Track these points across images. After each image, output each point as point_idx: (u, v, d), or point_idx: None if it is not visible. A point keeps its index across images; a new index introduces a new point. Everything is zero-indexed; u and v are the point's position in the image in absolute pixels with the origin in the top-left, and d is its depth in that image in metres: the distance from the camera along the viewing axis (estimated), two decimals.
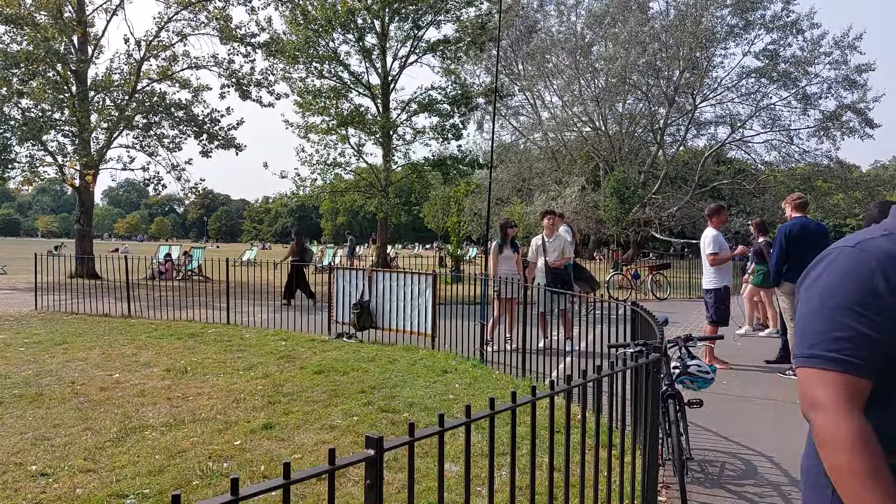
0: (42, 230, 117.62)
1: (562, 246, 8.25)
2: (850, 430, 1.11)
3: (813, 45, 25.52)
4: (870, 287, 1.15)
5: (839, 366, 1.14)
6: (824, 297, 1.18)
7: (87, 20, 18.29)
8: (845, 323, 1.15)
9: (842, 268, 1.19)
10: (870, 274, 1.15)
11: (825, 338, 1.16)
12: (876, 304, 1.14)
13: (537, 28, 30.72)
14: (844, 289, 1.17)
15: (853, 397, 1.14)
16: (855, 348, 1.14)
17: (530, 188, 33.35)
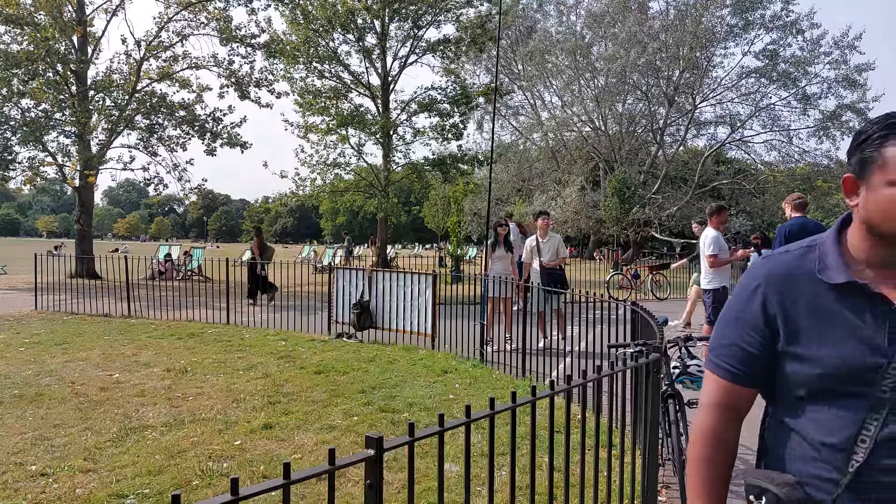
0: (45, 230, 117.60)
1: (556, 246, 8.28)
2: (700, 424, 1.28)
3: (813, 44, 25.53)
4: (748, 304, 1.24)
5: (717, 370, 1.29)
6: (727, 306, 1.30)
7: (87, 20, 18.29)
8: (726, 332, 1.28)
9: (741, 281, 1.30)
10: (751, 293, 1.24)
11: (715, 344, 1.30)
12: (750, 320, 1.24)
13: (537, 28, 30.72)
14: (734, 301, 1.28)
15: (722, 400, 1.27)
16: (730, 357, 1.26)
17: (530, 188, 33.34)
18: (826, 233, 1.25)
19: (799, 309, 1.19)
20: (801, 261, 1.22)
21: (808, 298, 1.18)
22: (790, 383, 1.20)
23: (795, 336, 1.18)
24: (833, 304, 1.16)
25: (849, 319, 1.14)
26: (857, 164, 1.17)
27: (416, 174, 20.43)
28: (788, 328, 1.19)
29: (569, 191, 28.13)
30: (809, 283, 1.19)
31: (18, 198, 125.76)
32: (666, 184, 29.06)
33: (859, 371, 1.11)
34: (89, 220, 19.08)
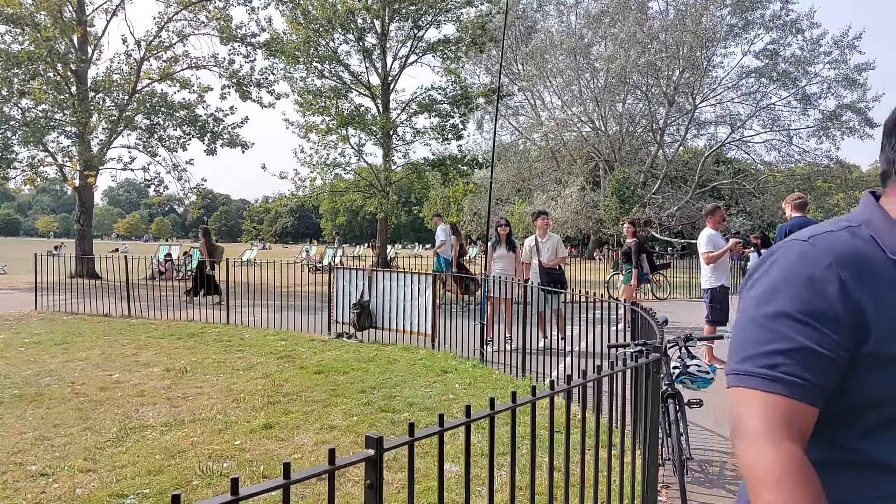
0: (50, 230, 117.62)
1: (555, 246, 8.29)
2: (774, 461, 0.88)
3: (812, 44, 25.56)
4: (820, 291, 0.92)
5: (773, 386, 0.92)
6: (762, 302, 0.96)
7: (87, 20, 18.29)
8: (784, 333, 0.92)
9: (788, 266, 0.96)
10: (822, 274, 0.93)
11: (759, 351, 0.94)
12: (827, 312, 0.91)
13: (537, 28, 30.72)
14: (788, 291, 0.94)
15: (787, 425, 0.91)
16: (795, 365, 0.92)
17: (530, 188, 33.35)
18: (860, 211, 1.02)
19: (890, 297, 0.92)
20: (860, 241, 0.96)
21: (892, 285, 0.93)
22: (881, 398, 0.92)
23: (885, 335, 0.91)
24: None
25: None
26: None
27: (416, 174, 20.43)
28: (883, 322, 0.91)
29: (569, 191, 28.14)
30: (886, 267, 0.94)
31: (18, 198, 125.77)
32: (666, 184, 29.07)
33: None
34: (89, 220, 19.08)
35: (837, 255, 0.94)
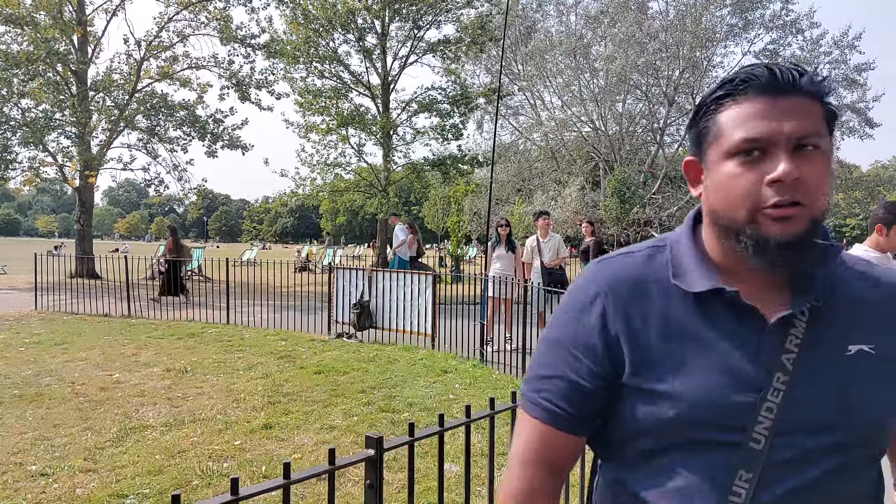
0: (54, 231, 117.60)
1: (556, 246, 8.30)
2: (515, 483, 0.93)
3: (813, 44, 25.55)
4: (585, 320, 0.91)
5: (534, 410, 0.93)
6: (549, 323, 0.97)
7: (87, 20, 18.29)
8: (551, 360, 0.93)
9: (572, 290, 0.97)
10: (588, 302, 0.92)
11: (533, 374, 0.95)
12: (587, 342, 0.90)
13: (536, 28, 30.73)
14: (562, 317, 0.95)
15: (539, 450, 0.93)
16: (554, 393, 0.92)
17: (530, 188, 33.35)
18: (677, 230, 0.98)
19: (650, 327, 0.88)
20: (649, 264, 0.93)
21: (661, 313, 0.88)
22: (633, 430, 0.89)
23: (645, 364, 0.87)
24: (692, 319, 0.87)
25: (712, 341, 0.85)
26: (694, 141, 0.91)
27: (415, 174, 20.44)
28: (636, 353, 0.88)
29: (569, 191, 28.14)
30: (662, 294, 0.89)
31: (18, 198, 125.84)
32: (666, 184, 29.08)
33: (725, 411, 0.83)
34: (89, 220, 19.08)
35: (610, 282, 0.92)
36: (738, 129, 0.83)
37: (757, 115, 0.83)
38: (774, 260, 0.82)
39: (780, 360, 0.83)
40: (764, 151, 0.82)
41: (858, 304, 0.88)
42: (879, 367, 0.85)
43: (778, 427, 0.81)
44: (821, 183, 0.82)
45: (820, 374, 0.83)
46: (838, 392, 0.83)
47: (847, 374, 0.84)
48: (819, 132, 0.83)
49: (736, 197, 0.83)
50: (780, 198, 0.80)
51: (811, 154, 0.82)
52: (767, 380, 0.82)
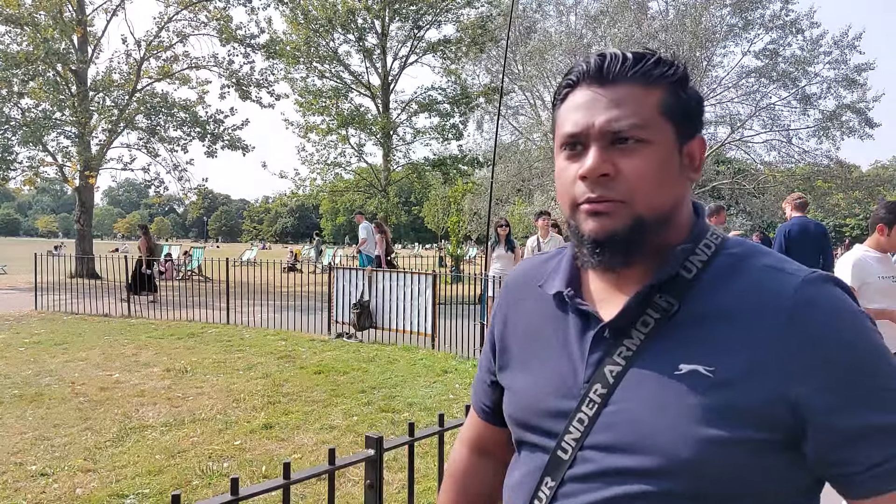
0: (58, 231, 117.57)
1: (556, 247, 8.31)
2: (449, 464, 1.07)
3: (813, 44, 25.54)
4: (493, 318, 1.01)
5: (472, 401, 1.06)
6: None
7: (87, 20, 18.30)
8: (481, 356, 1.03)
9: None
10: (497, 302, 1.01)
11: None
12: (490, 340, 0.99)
13: (536, 28, 30.73)
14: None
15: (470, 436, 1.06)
16: (476, 387, 1.04)
17: (530, 188, 33.35)
18: None
19: (518, 327, 0.92)
20: (543, 266, 0.93)
21: (528, 314, 0.91)
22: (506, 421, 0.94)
23: (505, 361, 0.93)
24: (546, 321, 0.88)
25: (553, 344, 0.85)
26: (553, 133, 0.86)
27: (416, 174, 20.44)
28: (502, 351, 0.94)
29: None
30: (537, 296, 0.91)
31: (18, 198, 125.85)
32: None
33: (544, 415, 0.82)
34: (89, 220, 19.08)
35: (509, 282, 0.99)
36: (565, 122, 0.80)
37: (580, 107, 0.78)
38: (591, 258, 0.78)
39: (602, 371, 0.77)
40: (584, 146, 0.78)
41: (712, 318, 0.74)
42: (712, 392, 0.71)
43: (585, 440, 0.77)
44: (644, 178, 0.75)
45: (639, 392, 0.75)
46: (652, 414, 0.73)
47: (669, 396, 0.72)
48: (645, 123, 0.76)
49: (562, 192, 0.81)
50: (590, 194, 0.76)
51: (633, 148, 0.75)
52: (586, 390, 0.78)
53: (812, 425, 0.69)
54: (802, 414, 0.69)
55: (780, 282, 0.73)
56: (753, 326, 0.72)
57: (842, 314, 0.72)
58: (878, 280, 3.31)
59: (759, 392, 0.69)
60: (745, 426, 0.70)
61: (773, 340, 0.70)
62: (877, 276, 3.32)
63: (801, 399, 0.69)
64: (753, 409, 0.70)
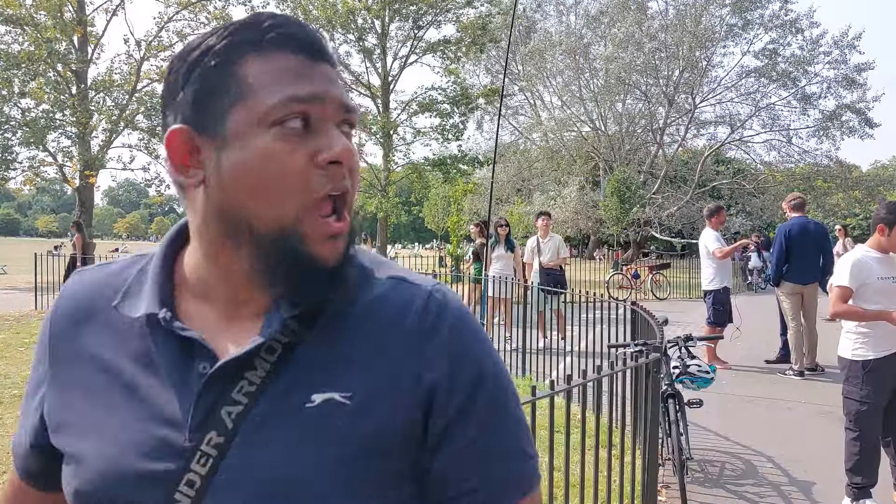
0: (55, 230, 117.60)
1: (556, 247, 8.31)
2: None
3: (812, 44, 25.55)
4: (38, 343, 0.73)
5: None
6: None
7: (87, 20, 18.29)
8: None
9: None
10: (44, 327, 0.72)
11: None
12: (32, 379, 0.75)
13: (536, 28, 30.74)
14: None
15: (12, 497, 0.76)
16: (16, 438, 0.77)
17: (530, 188, 33.35)
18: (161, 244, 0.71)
19: (76, 367, 0.66)
20: (109, 280, 0.69)
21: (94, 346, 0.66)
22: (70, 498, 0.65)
23: (61, 417, 0.66)
24: (126, 356, 0.64)
25: (144, 386, 0.62)
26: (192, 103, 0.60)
27: (416, 174, 20.45)
28: (57, 404, 0.67)
29: (568, 191, 28.15)
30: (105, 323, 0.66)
31: (18, 198, 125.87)
32: (666, 184, 29.08)
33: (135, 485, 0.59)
34: (89, 220, 19.08)
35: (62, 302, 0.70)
36: (282, 83, 0.58)
37: (298, 75, 0.59)
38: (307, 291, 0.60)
39: (219, 416, 0.59)
40: (307, 123, 0.59)
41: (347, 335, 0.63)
42: (351, 422, 0.59)
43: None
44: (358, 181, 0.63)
45: (265, 434, 0.59)
46: (286, 463, 0.58)
47: (305, 436, 0.59)
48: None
49: (280, 185, 0.58)
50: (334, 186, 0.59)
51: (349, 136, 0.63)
52: (197, 441, 0.59)
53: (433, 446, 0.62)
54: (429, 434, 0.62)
55: (409, 292, 0.65)
56: (388, 341, 0.62)
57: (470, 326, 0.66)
58: (877, 281, 3.32)
59: (399, 413, 0.61)
60: (390, 457, 0.60)
61: (407, 355, 0.62)
62: (876, 276, 3.32)
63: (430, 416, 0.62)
64: (395, 435, 0.60)
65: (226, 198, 0.59)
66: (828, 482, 3.68)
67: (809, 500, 3.56)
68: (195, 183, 0.61)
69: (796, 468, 3.95)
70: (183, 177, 0.62)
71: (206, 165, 0.60)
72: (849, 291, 3.31)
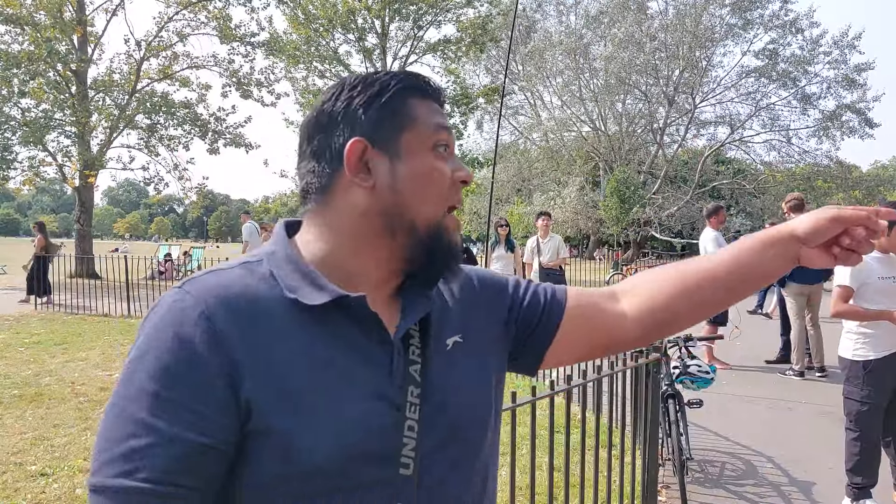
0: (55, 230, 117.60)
1: (556, 247, 8.31)
2: None
3: (812, 44, 25.56)
4: (190, 353, 0.66)
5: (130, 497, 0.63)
6: (124, 379, 0.69)
7: (87, 20, 18.29)
8: (144, 420, 0.65)
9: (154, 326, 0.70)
10: (189, 332, 0.67)
11: (112, 453, 0.65)
12: (199, 383, 0.66)
13: (536, 28, 30.75)
14: (150, 359, 0.67)
15: None
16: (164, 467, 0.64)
17: (530, 188, 33.36)
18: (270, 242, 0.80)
19: (276, 354, 0.69)
20: (251, 280, 0.73)
21: (285, 336, 0.71)
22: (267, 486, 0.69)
23: (277, 399, 0.68)
24: (318, 339, 0.72)
25: (344, 361, 0.72)
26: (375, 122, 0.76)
27: None
28: (265, 388, 0.68)
29: (568, 191, 28.16)
30: (280, 313, 0.71)
31: (18, 198, 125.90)
32: (666, 184, 29.08)
33: (373, 441, 0.70)
34: (89, 220, 19.07)
35: (213, 305, 0.69)
36: (434, 121, 0.79)
37: (438, 114, 0.81)
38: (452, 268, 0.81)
39: (409, 373, 0.75)
40: (446, 148, 0.80)
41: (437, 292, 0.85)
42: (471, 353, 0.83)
43: (421, 447, 0.72)
44: None
45: (441, 378, 0.78)
46: (461, 394, 0.79)
47: (452, 369, 0.80)
48: None
49: (440, 192, 0.78)
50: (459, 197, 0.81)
51: None
52: (403, 396, 0.73)
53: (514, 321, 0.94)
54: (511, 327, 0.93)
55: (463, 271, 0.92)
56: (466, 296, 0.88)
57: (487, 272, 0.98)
58: (877, 281, 3.32)
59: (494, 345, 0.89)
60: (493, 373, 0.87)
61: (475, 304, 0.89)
62: (877, 276, 3.32)
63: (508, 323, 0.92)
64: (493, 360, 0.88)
65: (397, 198, 0.76)
66: (828, 482, 3.68)
67: (809, 500, 3.56)
68: (368, 186, 0.76)
69: (796, 468, 3.95)
70: (357, 179, 0.76)
71: (376, 172, 0.76)
72: (849, 291, 3.32)
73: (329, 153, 0.77)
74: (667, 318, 0.92)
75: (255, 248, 5.91)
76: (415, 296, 0.80)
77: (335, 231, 0.77)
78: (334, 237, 0.77)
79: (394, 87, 0.78)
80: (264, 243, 0.90)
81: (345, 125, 0.77)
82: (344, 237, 0.77)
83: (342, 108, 0.78)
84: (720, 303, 0.93)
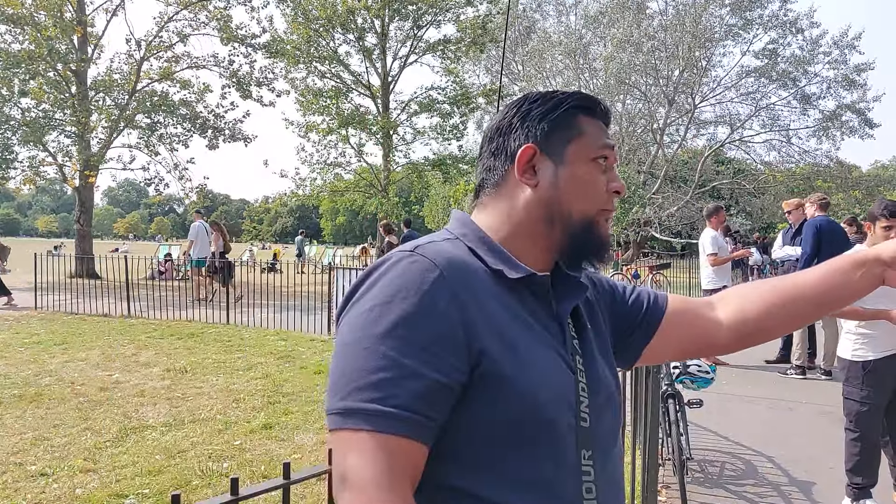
0: (55, 230, 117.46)
1: None
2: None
3: (812, 44, 25.52)
4: (433, 305, 0.78)
5: (383, 424, 0.74)
6: (367, 323, 0.78)
7: (87, 20, 18.28)
8: (396, 358, 0.75)
9: (394, 279, 0.80)
10: (434, 287, 0.79)
11: (364, 382, 0.75)
12: (443, 331, 0.77)
13: (535, 28, 30.73)
14: (396, 308, 0.78)
15: (403, 469, 0.75)
16: (411, 397, 0.75)
17: None
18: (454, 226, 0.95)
19: (495, 312, 0.82)
20: (462, 251, 0.88)
21: (498, 299, 0.84)
22: (485, 426, 0.79)
23: (497, 351, 0.80)
24: (518, 305, 0.86)
25: (536, 326, 0.87)
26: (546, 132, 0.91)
27: (416, 174, 20.44)
28: (491, 340, 0.80)
29: None
30: (490, 281, 0.85)
31: (18, 198, 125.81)
32: (666, 184, 29.06)
33: (564, 394, 0.84)
34: (89, 220, 19.07)
35: (446, 267, 0.81)
36: (598, 136, 0.93)
37: (603, 133, 0.95)
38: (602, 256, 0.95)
39: (573, 345, 0.92)
40: (605, 161, 0.93)
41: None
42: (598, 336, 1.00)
43: (591, 404, 0.88)
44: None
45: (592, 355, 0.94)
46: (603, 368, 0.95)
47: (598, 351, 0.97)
48: None
49: (594, 195, 0.92)
50: (612, 205, 0.94)
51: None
52: (574, 363, 0.89)
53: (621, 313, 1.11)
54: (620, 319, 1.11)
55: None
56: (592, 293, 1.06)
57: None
58: None
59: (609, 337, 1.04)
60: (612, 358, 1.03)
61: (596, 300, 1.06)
62: None
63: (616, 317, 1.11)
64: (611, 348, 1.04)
65: (557, 196, 0.91)
66: (828, 482, 3.68)
67: (809, 500, 3.56)
68: (532, 184, 0.92)
69: (796, 468, 3.95)
70: (524, 179, 0.92)
71: (541, 174, 0.92)
72: None
73: (505, 154, 0.94)
74: (759, 327, 1.06)
75: (201, 246, 5.86)
76: (567, 279, 0.95)
77: (506, 219, 0.93)
78: (505, 225, 0.93)
79: (568, 104, 0.92)
80: (219, 241, 1.09)
81: (521, 132, 0.93)
82: (513, 225, 0.92)
83: (521, 117, 0.93)
84: (809, 317, 1.07)
